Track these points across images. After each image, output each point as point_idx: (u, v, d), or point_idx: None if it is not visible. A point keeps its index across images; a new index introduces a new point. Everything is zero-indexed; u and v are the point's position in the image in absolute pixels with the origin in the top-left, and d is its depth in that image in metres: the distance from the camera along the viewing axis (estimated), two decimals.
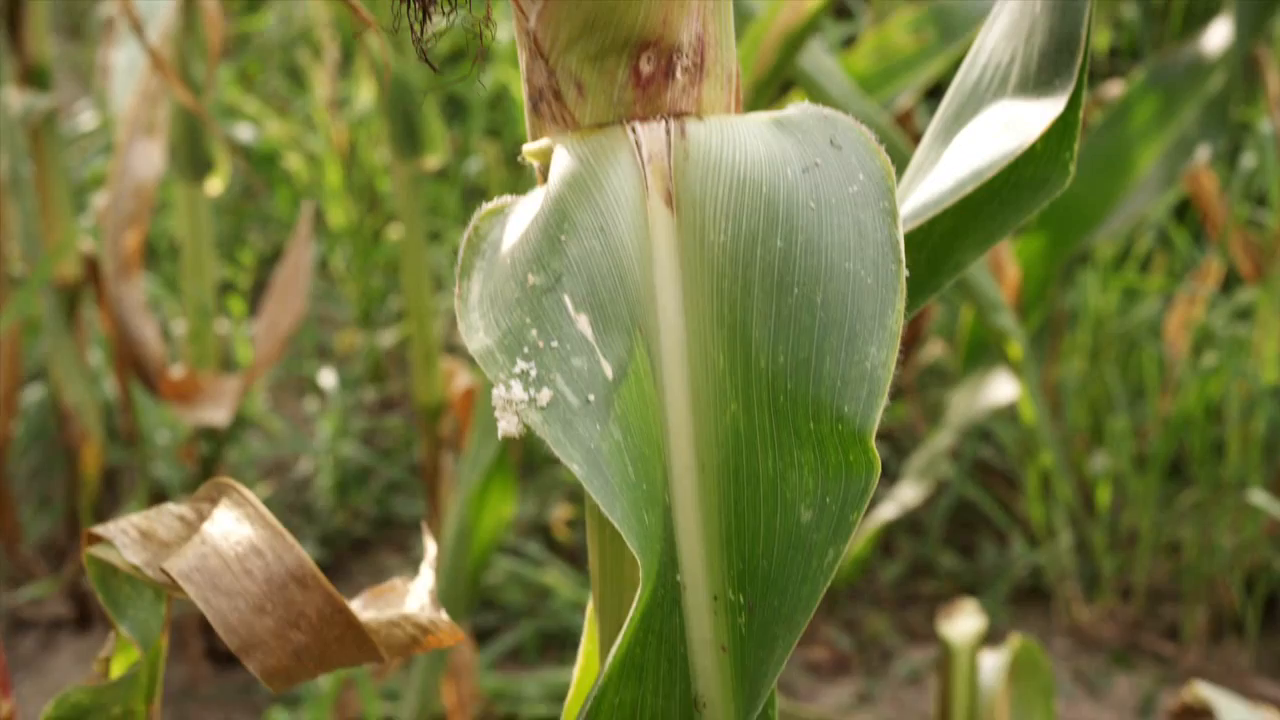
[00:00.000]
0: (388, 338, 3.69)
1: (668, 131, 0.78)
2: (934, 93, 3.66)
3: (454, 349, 3.40)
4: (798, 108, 0.81)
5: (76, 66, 4.58)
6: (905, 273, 0.75)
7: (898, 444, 3.33)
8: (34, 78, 2.85)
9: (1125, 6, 3.70)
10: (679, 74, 0.79)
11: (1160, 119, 2.67)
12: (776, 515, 0.75)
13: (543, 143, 0.80)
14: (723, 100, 0.81)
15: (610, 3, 0.76)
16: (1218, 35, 2.70)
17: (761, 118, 0.80)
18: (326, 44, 3.96)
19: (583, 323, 0.75)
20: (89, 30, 4.64)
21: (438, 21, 0.78)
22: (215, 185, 2.84)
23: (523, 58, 0.81)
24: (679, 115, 0.79)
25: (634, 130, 0.78)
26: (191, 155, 2.78)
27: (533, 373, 0.73)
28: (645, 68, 0.78)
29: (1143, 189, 2.70)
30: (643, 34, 0.77)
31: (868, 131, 0.80)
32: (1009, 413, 3.03)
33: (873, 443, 0.74)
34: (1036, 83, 0.87)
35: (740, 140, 0.78)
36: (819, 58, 2.27)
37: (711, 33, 0.80)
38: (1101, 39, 3.80)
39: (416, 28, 0.76)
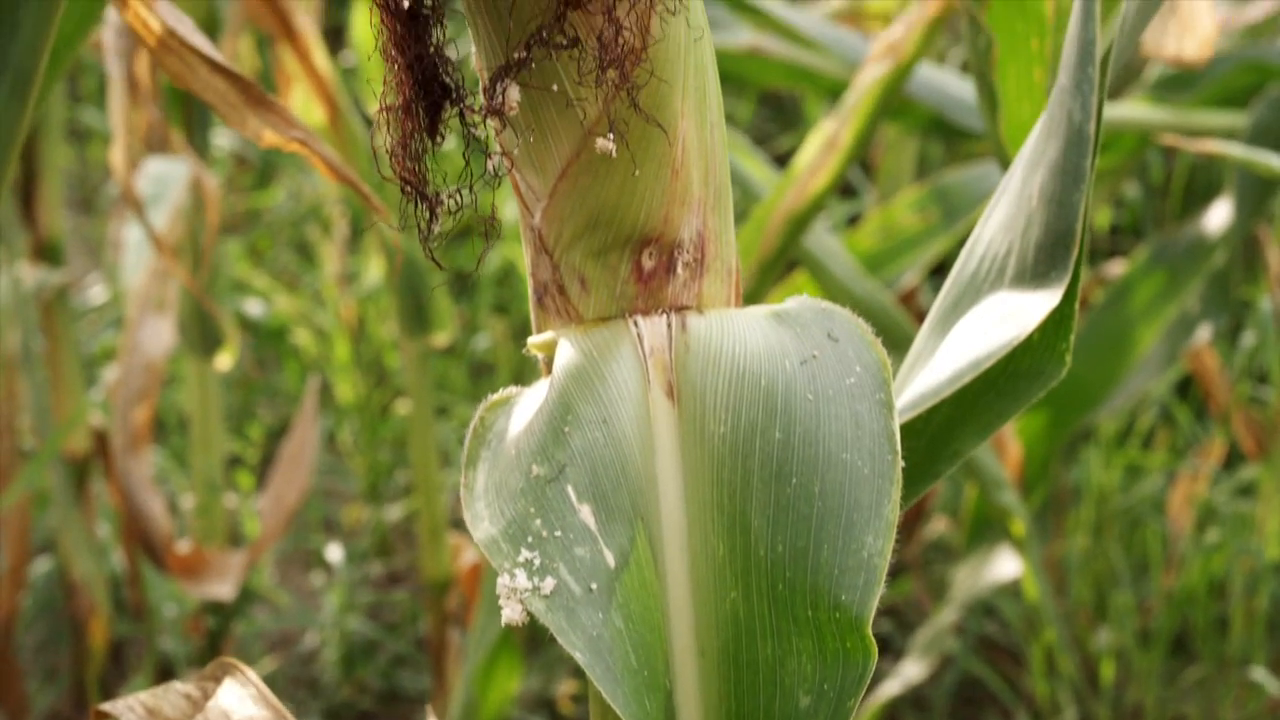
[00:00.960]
0: (394, 512, 3.69)
1: (669, 325, 0.80)
2: (938, 271, 3.70)
3: (460, 524, 3.40)
4: (796, 301, 0.83)
5: (88, 240, 4.62)
6: (901, 463, 0.77)
7: (903, 619, 3.32)
8: (46, 253, 2.88)
9: (1126, 184, 3.74)
10: (680, 269, 0.81)
11: (1162, 298, 2.69)
12: (776, 701, 0.76)
13: (547, 335, 0.82)
14: (723, 294, 0.83)
15: (613, 201, 0.79)
16: (1219, 215, 2.73)
17: (761, 311, 0.82)
18: (336, 220, 4.01)
19: (585, 513, 0.76)
20: (100, 205, 4.69)
21: (444, 219, 0.80)
22: (225, 361, 2.86)
23: (528, 253, 0.83)
24: (680, 309, 0.81)
25: (636, 324, 0.80)
26: (201, 331, 2.81)
27: (537, 562, 0.75)
28: (647, 263, 0.80)
29: (1145, 367, 2.71)
30: (645, 231, 0.80)
31: (864, 324, 0.81)
32: (1013, 588, 3.03)
33: (869, 630, 0.75)
34: (1033, 275, 0.89)
35: (740, 333, 0.80)
36: (823, 238, 2.30)
37: (712, 229, 0.82)
38: (1103, 217, 3.84)
39: (423, 225, 0.78)
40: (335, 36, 4.34)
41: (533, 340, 0.83)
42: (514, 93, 0.75)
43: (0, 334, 2.78)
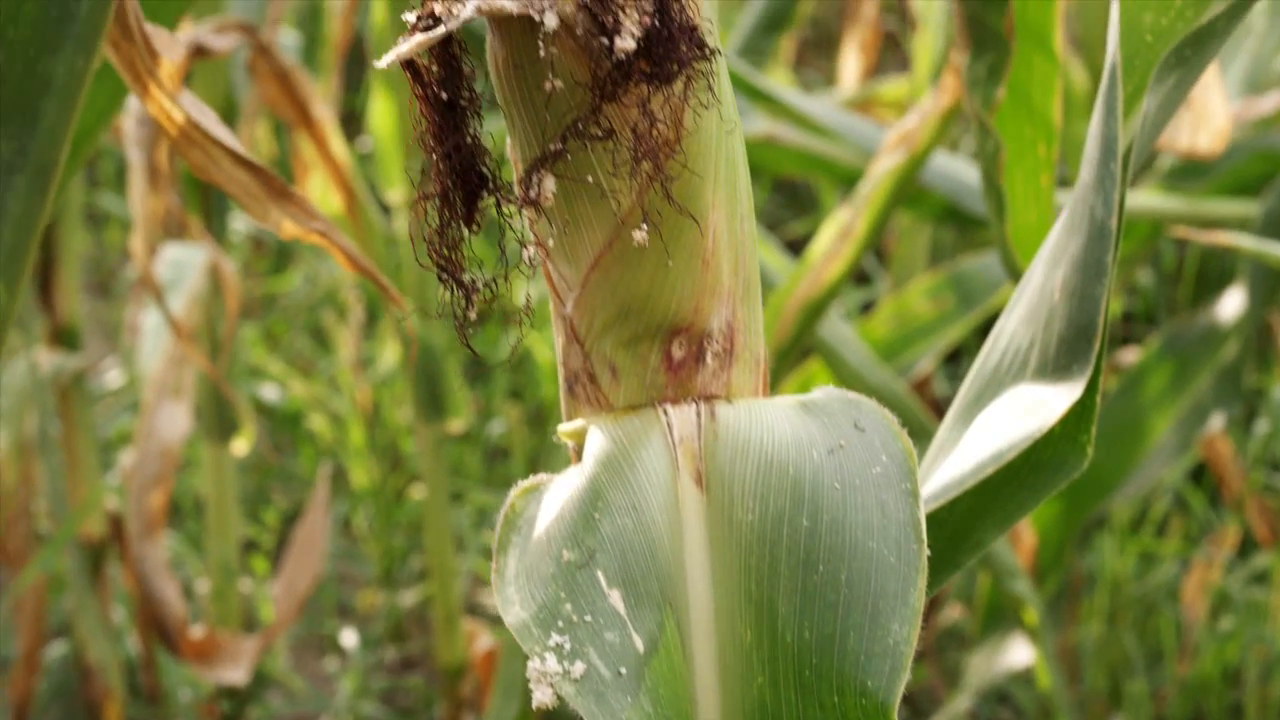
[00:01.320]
0: (409, 597, 3.69)
1: (698, 414, 0.81)
2: (952, 358, 3.72)
3: (476, 610, 3.41)
4: (823, 391, 0.84)
5: (104, 324, 4.64)
6: (927, 551, 0.78)
7: (917, 706, 3.31)
8: (64, 338, 2.89)
9: (1140, 272, 3.76)
10: (709, 359, 0.82)
11: (1175, 386, 2.70)
12: None
13: (578, 423, 0.83)
14: (751, 384, 0.84)
15: (645, 291, 0.80)
16: (1231, 304, 2.74)
17: (789, 401, 0.83)
18: (352, 305, 4.03)
19: (615, 598, 0.77)
20: (117, 289, 4.72)
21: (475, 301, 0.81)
22: (240, 446, 2.87)
23: (559, 341, 0.84)
24: (709, 398, 0.82)
25: (666, 413, 0.81)
26: (217, 416, 2.82)
27: (567, 646, 0.76)
28: (677, 353, 0.82)
29: (1158, 455, 2.72)
30: (675, 321, 0.81)
31: (890, 415, 0.82)
32: (1027, 675, 3.02)
33: (895, 716, 0.75)
34: (1055, 367, 0.90)
35: (768, 423, 0.81)
36: (837, 326, 2.32)
37: (741, 319, 0.83)
38: (1116, 304, 3.85)
39: (459, 313, 0.79)
40: (350, 121, 4.37)
41: (563, 428, 0.84)
42: (549, 183, 0.76)
43: (17, 418, 2.79)
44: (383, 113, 2.91)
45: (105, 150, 4.71)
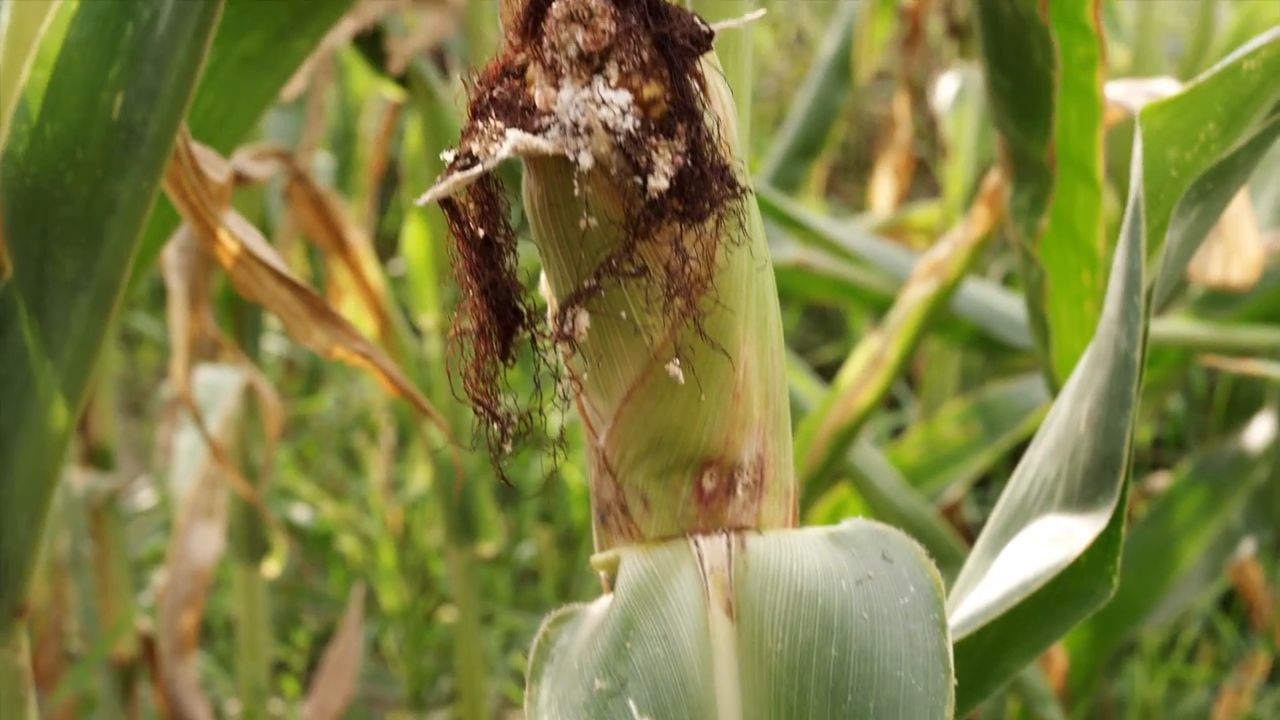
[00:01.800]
0: None
1: (729, 545, 0.82)
2: (982, 484, 3.72)
3: None
4: (852, 523, 0.85)
5: (136, 444, 4.67)
6: (954, 681, 0.78)
7: None
8: (97, 458, 2.91)
9: (1170, 398, 3.76)
10: (740, 490, 0.83)
11: (1205, 513, 2.70)
12: None
13: (610, 554, 0.84)
14: (781, 515, 0.85)
15: (676, 424, 0.81)
16: (1261, 430, 2.75)
17: (818, 532, 0.84)
18: (383, 427, 4.04)
19: None
20: (150, 409, 4.74)
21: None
22: (272, 567, 2.88)
23: (591, 473, 0.85)
24: (739, 529, 0.83)
25: (697, 544, 0.82)
26: (249, 538, 2.83)
27: None
28: (708, 484, 0.83)
29: (1189, 581, 2.71)
30: (706, 453, 0.82)
31: (918, 545, 0.84)
32: None
33: None
34: (1081, 499, 0.91)
35: (798, 554, 0.82)
36: (867, 452, 2.32)
37: (771, 451, 0.84)
38: (1146, 431, 3.85)
39: (494, 445, 0.81)
40: (381, 242, 4.41)
41: (596, 558, 0.85)
42: (583, 319, 0.78)
43: (50, 538, 2.80)
44: (416, 238, 2.94)
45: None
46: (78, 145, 1.10)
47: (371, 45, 2.67)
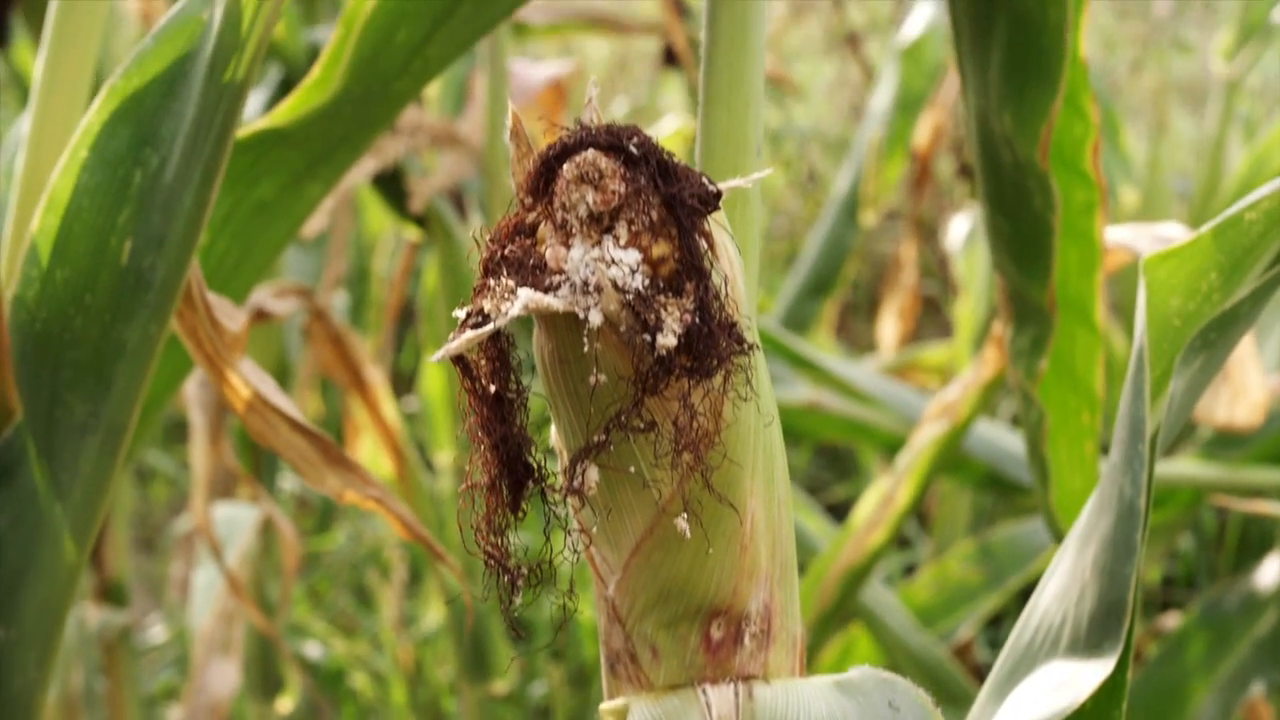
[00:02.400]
0: None
1: (736, 694, 0.83)
2: (994, 623, 3.71)
3: None
4: (859, 671, 0.86)
5: (149, 579, 4.67)
6: None
7: None
8: (111, 594, 2.92)
9: (1180, 538, 3.76)
10: (747, 640, 0.84)
11: (1214, 653, 2.69)
12: None
13: (619, 702, 0.85)
14: (788, 664, 0.86)
15: (684, 575, 0.82)
16: (1271, 570, 2.75)
17: (824, 681, 0.85)
18: (395, 564, 4.05)
19: None
20: (163, 544, 4.75)
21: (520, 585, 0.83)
22: (286, 704, 2.88)
23: (601, 622, 0.86)
24: (747, 679, 0.84)
25: (705, 693, 0.83)
26: (264, 673, 2.83)
27: None
28: (716, 634, 0.84)
29: None
30: (714, 603, 0.83)
31: (924, 694, 0.84)
32: None
33: None
34: (1086, 644, 0.92)
35: (804, 703, 0.83)
36: (879, 592, 2.33)
37: (778, 601, 0.85)
38: (1155, 571, 3.85)
39: (505, 596, 0.82)
40: (397, 380, 4.44)
41: (605, 707, 0.86)
42: (593, 473, 0.79)
43: (64, 673, 2.80)
44: (433, 376, 2.96)
45: None
46: (87, 290, 1.12)
47: (391, 185, 2.70)
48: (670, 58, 3.93)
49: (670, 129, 3.83)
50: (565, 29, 3.62)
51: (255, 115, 2.26)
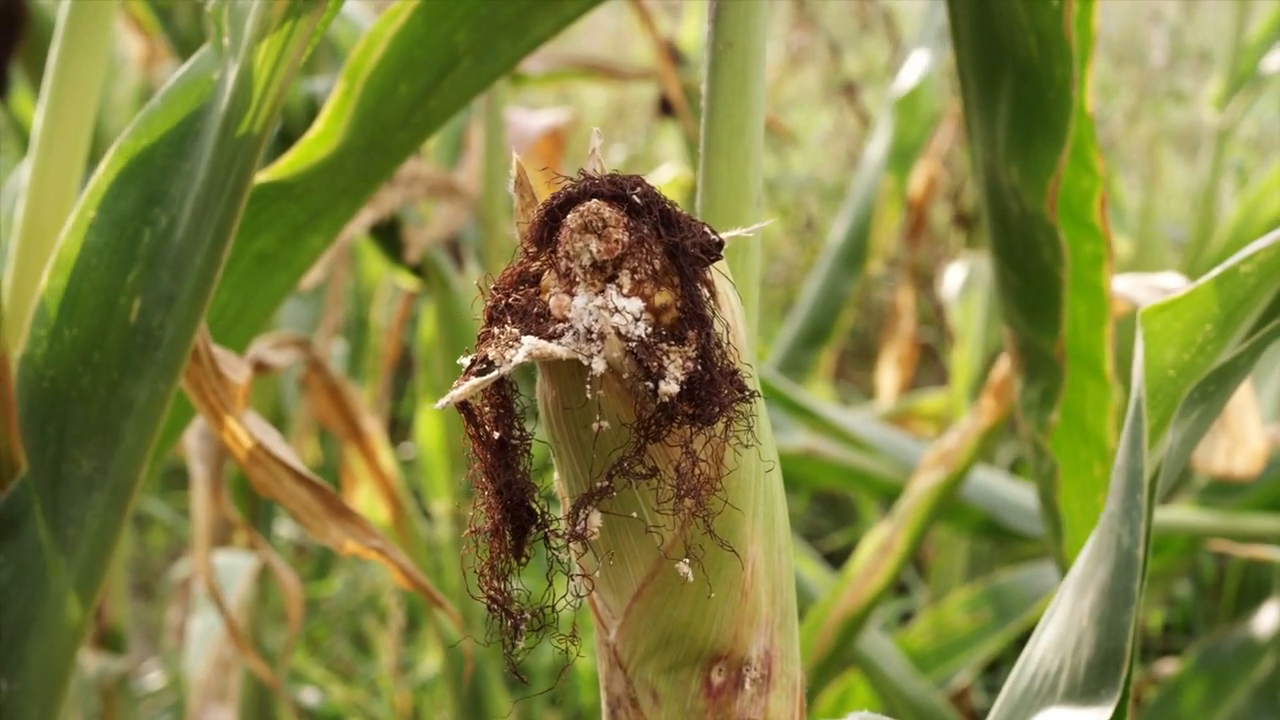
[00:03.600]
0: None
1: None
2: (991, 669, 3.71)
3: None
4: (858, 717, 0.87)
5: (146, 626, 4.66)
6: None
7: None
8: (109, 641, 2.92)
9: (1178, 584, 3.76)
10: (748, 685, 0.85)
11: (1212, 700, 2.70)
12: None
13: None
14: (788, 709, 0.87)
15: (685, 620, 0.83)
16: (1268, 618, 2.75)
17: None
18: (392, 610, 4.04)
19: None
20: (160, 591, 4.74)
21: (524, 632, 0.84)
22: None
23: (602, 667, 0.87)
24: None
25: None
26: None
27: None
28: (717, 679, 0.85)
29: None
30: (715, 648, 0.84)
31: None
32: None
33: None
34: (1084, 692, 0.92)
35: None
36: (876, 639, 2.33)
37: (779, 646, 0.86)
38: (1155, 617, 3.85)
39: (508, 641, 0.82)
40: (394, 428, 4.44)
41: None
42: (595, 519, 0.80)
43: None
44: (429, 426, 2.97)
45: None
46: (95, 348, 1.12)
47: (388, 235, 2.71)
48: (666, 107, 3.95)
49: (667, 178, 3.85)
50: (562, 77, 3.64)
51: None
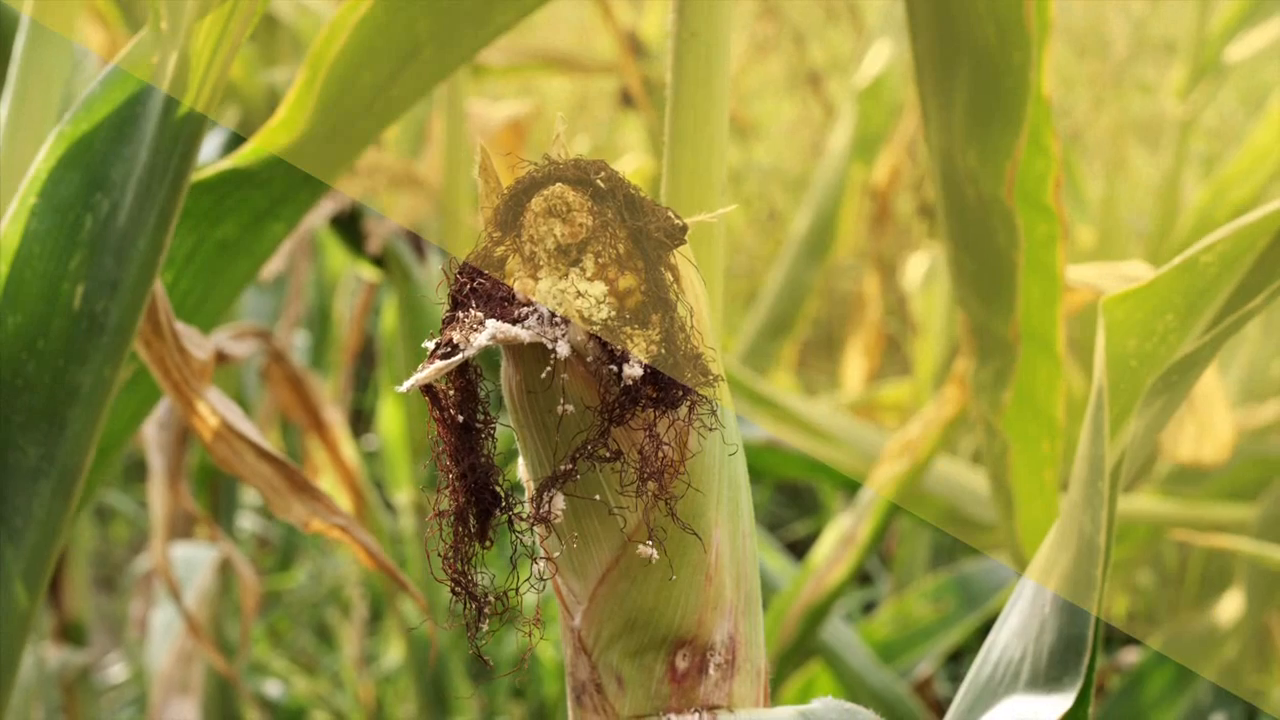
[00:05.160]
0: None
1: None
2: (953, 659, 3.72)
3: None
4: (822, 702, 0.87)
5: (108, 618, 4.64)
6: None
7: None
8: (70, 634, 2.90)
9: (1141, 572, 3.77)
10: (712, 670, 0.85)
11: (1175, 688, 2.71)
12: None
13: None
14: (752, 695, 0.87)
15: (650, 604, 0.83)
16: (1230, 606, 2.76)
17: (789, 712, 0.86)
18: (355, 602, 4.04)
19: None
20: (122, 584, 4.73)
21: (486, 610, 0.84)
22: None
23: (567, 652, 0.87)
24: (712, 709, 0.85)
25: None
26: (223, 713, 2.82)
27: None
28: (681, 664, 0.84)
29: None
30: (680, 633, 0.84)
31: None
32: None
33: None
34: (1047, 679, 0.93)
35: None
36: (839, 629, 2.33)
37: (743, 632, 0.86)
38: (1119, 605, 3.86)
39: (471, 624, 0.82)
40: (356, 419, 4.43)
41: None
42: (559, 502, 0.80)
43: (23, 713, 2.79)
44: (391, 416, 2.96)
45: None
46: (39, 335, 1.12)
47: (349, 226, 2.70)
48: (629, 98, 3.95)
49: (629, 169, 3.84)
50: (524, 69, 3.63)
51: (213, 157, 2.26)
